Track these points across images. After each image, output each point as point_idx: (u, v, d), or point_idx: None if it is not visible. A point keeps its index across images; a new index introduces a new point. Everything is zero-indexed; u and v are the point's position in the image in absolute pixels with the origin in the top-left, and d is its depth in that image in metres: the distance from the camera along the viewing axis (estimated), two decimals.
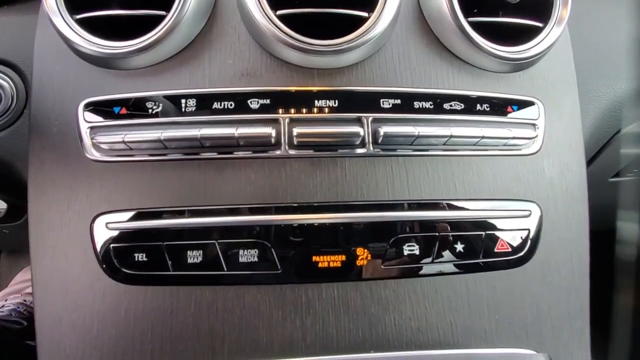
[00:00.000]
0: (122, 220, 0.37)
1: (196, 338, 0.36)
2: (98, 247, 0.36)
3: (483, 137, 0.39)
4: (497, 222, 0.39)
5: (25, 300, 0.96)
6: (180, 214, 0.37)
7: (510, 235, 0.39)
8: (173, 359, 0.36)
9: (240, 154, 0.38)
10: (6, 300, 0.96)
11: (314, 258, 0.37)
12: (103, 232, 0.36)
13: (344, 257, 0.37)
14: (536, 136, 0.41)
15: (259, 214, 0.37)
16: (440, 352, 0.37)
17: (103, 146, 0.37)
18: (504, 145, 0.40)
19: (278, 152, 0.38)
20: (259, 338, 0.36)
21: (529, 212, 0.40)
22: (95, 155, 0.38)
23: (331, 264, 0.37)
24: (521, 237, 0.40)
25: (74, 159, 0.38)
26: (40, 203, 0.37)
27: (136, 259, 0.36)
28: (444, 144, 0.39)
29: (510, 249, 0.39)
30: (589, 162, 0.58)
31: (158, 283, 0.36)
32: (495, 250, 0.39)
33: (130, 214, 0.37)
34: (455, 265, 0.38)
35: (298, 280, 0.37)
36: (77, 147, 0.38)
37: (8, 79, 0.47)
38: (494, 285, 0.39)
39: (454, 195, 0.39)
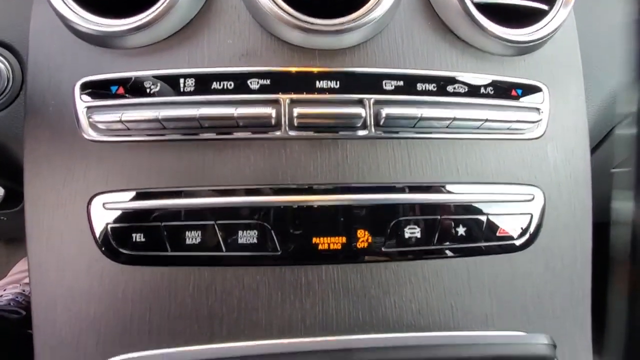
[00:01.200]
0: (119, 200, 0.36)
1: (195, 319, 0.35)
2: (95, 228, 0.36)
3: (487, 120, 0.38)
4: (499, 206, 0.39)
5: (24, 290, 0.95)
6: (178, 194, 0.36)
7: (512, 219, 0.39)
8: (171, 340, 0.35)
9: (240, 134, 0.37)
10: (5, 290, 0.96)
11: (314, 240, 0.36)
12: (100, 212, 0.36)
13: (344, 239, 0.37)
14: (540, 120, 0.41)
15: (258, 195, 0.36)
16: (441, 334, 0.36)
17: (100, 126, 0.37)
18: (508, 129, 0.40)
19: (278, 133, 0.37)
20: (258, 319, 0.36)
21: (531, 197, 0.39)
22: (92, 135, 0.37)
23: (331, 246, 0.36)
24: (524, 222, 0.39)
25: (71, 138, 0.37)
26: (36, 183, 0.37)
27: (134, 240, 0.36)
28: (447, 127, 0.38)
29: (512, 234, 0.39)
30: (592, 151, 0.57)
31: (156, 263, 0.36)
32: (497, 234, 0.39)
33: (128, 194, 0.36)
34: (456, 248, 0.38)
35: (298, 262, 0.37)
36: (74, 127, 0.37)
37: (4, 60, 0.46)
38: (496, 269, 0.39)
39: (456, 178, 0.39)
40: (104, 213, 0.36)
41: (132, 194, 0.36)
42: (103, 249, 0.36)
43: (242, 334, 0.36)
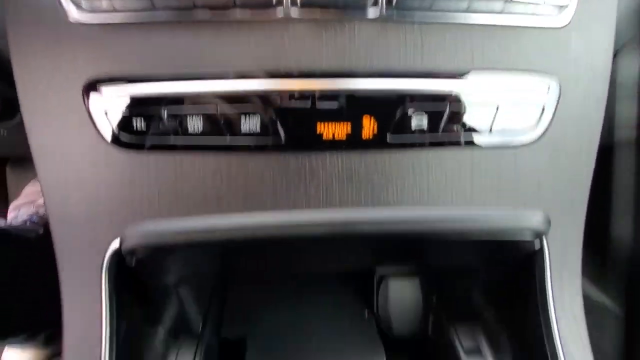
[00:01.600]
0: (116, 86, 0.35)
1: (202, 201, 0.37)
2: (94, 116, 0.35)
3: (510, 1, 0.34)
4: (511, 96, 0.37)
5: (38, 212, 0.99)
6: (178, 79, 0.35)
7: (524, 110, 0.38)
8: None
9: (238, 14, 0.34)
10: (19, 211, 0.99)
11: (318, 126, 0.36)
12: (98, 100, 0.35)
13: (349, 126, 0.36)
14: (567, 5, 0.37)
15: (260, 79, 0.35)
16: (437, 209, 0.38)
17: (84, 5, 0.34)
18: (532, 14, 0.36)
19: (280, 14, 0.34)
20: (264, 202, 0.37)
21: (547, 88, 0.38)
22: (76, 17, 0.34)
23: (336, 134, 0.36)
24: (535, 114, 0.38)
25: (55, 22, 0.34)
26: (26, 78, 0.35)
27: (135, 126, 0.35)
28: (466, 9, 0.35)
29: (522, 126, 0.38)
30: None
31: (160, 149, 0.36)
32: (506, 125, 0.38)
33: (124, 80, 0.35)
34: (462, 139, 0.38)
35: (302, 149, 0.37)
36: (56, 8, 0.34)
37: None
38: (500, 161, 0.39)
39: (471, 66, 0.36)
40: (102, 100, 0.35)
41: (128, 79, 0.35)
42: (105, 136, 0.36)
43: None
